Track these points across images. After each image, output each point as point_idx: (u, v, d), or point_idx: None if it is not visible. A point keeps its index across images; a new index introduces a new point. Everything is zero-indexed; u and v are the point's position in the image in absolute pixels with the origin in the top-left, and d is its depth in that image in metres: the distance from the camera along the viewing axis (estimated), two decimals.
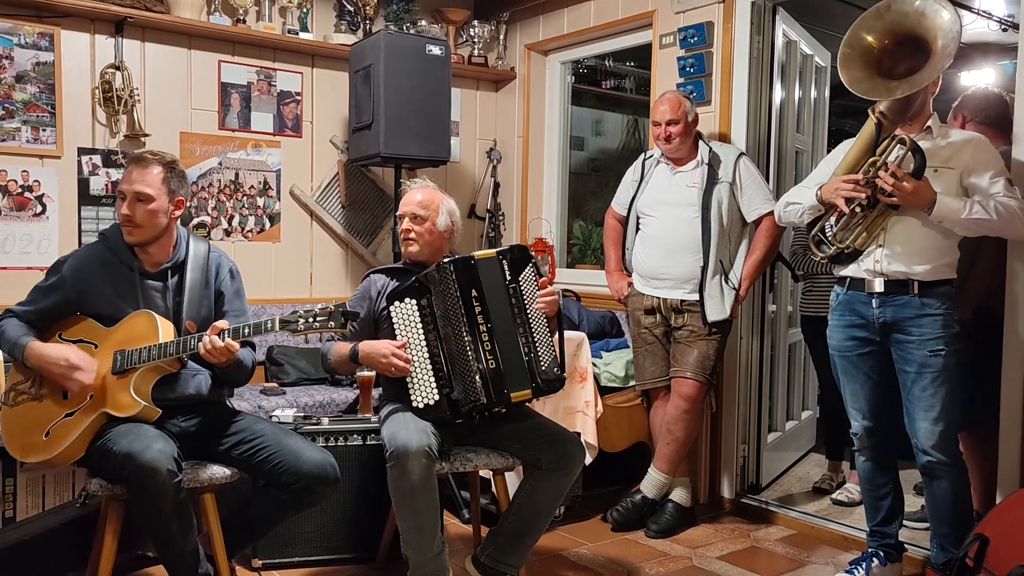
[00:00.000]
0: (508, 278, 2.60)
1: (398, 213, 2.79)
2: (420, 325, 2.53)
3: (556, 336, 2.67)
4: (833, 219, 2.70)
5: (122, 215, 2.43)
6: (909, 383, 2.62)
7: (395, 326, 2.54)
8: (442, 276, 2.56)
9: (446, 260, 2.61)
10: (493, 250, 2.65)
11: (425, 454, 2.38)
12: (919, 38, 2.47)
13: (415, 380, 2.53)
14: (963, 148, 2.58)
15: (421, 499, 2.41)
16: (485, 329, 2.56)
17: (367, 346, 2.56)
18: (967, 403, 2.69)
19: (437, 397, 2.52)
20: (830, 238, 2.69)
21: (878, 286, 2.62)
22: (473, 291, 2.56)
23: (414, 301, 2.53)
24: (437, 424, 2.54)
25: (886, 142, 2.55)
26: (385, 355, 2.50)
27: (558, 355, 2.65)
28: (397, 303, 2.54)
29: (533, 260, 2.67)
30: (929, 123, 2.63)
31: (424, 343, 2.53)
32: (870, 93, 2.52)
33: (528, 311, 2.60)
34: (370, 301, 2.73)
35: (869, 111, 2.60)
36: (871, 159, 2.56)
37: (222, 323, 2.35)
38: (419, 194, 2.75)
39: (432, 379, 2.52)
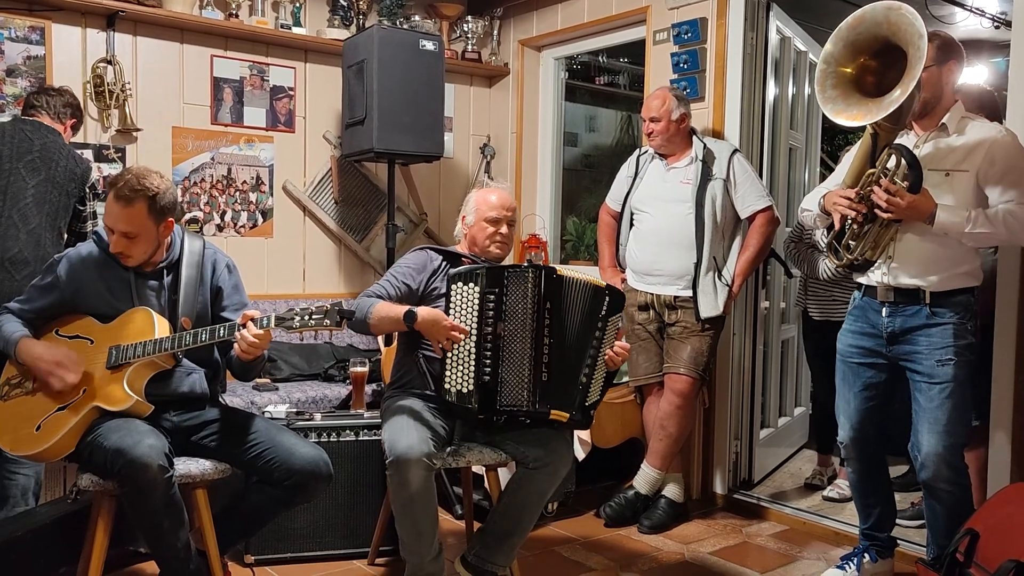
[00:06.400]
0: (604, 312, 2.59)
1: (493, 215, 2.68)
2: (477, 313, 2.50)
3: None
4: (844, 226, 2.53)
5: (114, 252, 2.40)
6: (916, 394, 2.53)
7: (451, 306, 2.51)
8: (520, 278, 2.54)
9: (530, 265, 2.60)
10: (593, 278, 2.63)
11: (425, 465, 2.38)
12: (896, 47, 2.30)
13: (454, 365, 2.51)
14: (977, 148, 2.42)
15: (420, 507, 2.41)
16: (548, 343, 2.54)
17: (428, 312, 2.50)
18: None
19: (472, 387, 2.50)
20: (843, 248, 2.56)
21: (889, 296, 2.54)
22: (548, 303, 2.55)
23: (478, 288, 2.51)
24: (453, 415, 2.53)
25: (883, 153, 2.40)
26: (446, 324, 2.47)
27: (598, 400, 2.65)
28: (461, 284, 2.51)
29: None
30: (945, 118, 2.47)
31: (475, 331, 2.51)
32: (842, 115, 2.35)
33: (601, 350, 2.60)
34: (425, 274, 2.69)
35: None
36: (868, 171, 2.43)
37: (252, 312, 2.32)
38: (508, 198, 2.75)
39: (472, 368, 2.50)
